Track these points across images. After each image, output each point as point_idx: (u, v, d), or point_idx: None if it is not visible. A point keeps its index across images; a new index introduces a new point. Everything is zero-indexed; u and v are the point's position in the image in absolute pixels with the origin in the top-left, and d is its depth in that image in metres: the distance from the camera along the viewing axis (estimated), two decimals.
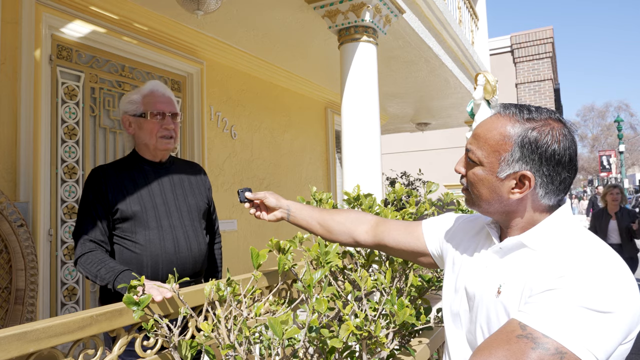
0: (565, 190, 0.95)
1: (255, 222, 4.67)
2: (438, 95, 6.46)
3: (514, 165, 0.92)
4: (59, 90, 3.00)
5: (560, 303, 0.79)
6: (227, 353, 1.25)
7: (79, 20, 3.09)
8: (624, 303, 0.79)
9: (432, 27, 4.52)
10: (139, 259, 1.72)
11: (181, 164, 1.99)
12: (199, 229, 1.88)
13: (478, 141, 0.98)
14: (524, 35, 13.62)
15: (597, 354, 0.76)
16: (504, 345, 0.79)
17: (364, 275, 1.26)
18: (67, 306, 2.94)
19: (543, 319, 0.79)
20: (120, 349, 1.31)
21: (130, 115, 1.84)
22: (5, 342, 1.06)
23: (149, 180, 1.81)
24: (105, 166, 1.82)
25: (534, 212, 0.96)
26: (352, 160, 3.29)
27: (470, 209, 1.23)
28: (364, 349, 1.39)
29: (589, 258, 0.84)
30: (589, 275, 0.81)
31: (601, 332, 0.77)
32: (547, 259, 0.89)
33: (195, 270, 1.84)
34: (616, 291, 0.79)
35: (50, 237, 2.86)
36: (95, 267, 1.59)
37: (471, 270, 1.05)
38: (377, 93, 3.39)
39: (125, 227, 1.73)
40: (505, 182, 0.94)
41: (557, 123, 0.93)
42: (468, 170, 1.01)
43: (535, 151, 0.91)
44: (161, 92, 1.86)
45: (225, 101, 4.48)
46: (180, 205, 1.84)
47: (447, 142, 13.62)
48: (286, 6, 3.48)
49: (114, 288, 1.56)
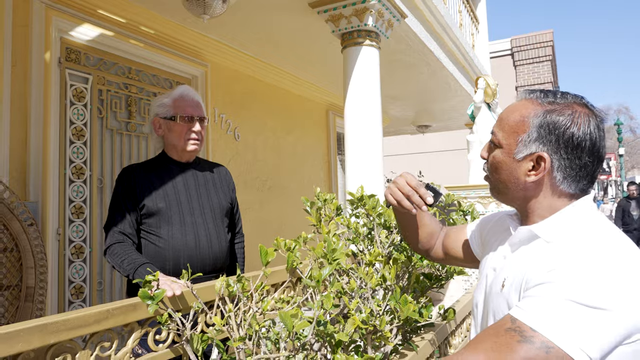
0: (587, 178, 0.91)
1: (258, 222, 4.72)
2: (439, 98, 6.52)
3: (531, 146, 0.91)
4: (67, 92, 3.06)
5: (549, 297, 0.78)
6: (237, 346, 1.30)
7: (87, 24, 3.15)
8: (621, 300, 0.75)
9: (433, 31, 4.58)
10: (162, 253, 1.80)
11: (207, 165, 2.08)
12: (220, 227, 1.95)
13: (501, 123, 0.98)
14: (524, 38, 13.70)
15: (587, 350, 0.73)
16: (493, 338, 0.80)
17: (370, 271, 1.31)
18: (74, 304, 2.99)
19: (531, 312, 0.79)
20: (134, 342, 1.37)
21: (161, 117, 1.93)
22: (28, 333, 1.11)
23: (175, 179, 1.90)
24: (135, 165, 1.94)
25: (552, 198, 0.93)
26: (355, 162, 3.35)
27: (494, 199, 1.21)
28: (368, 343, 1.44)
29: (589, 250, 0.82)
30: (582, 268, 0.79)
31: (592, 328, 0.74)
32: (550, 251, 0.87)
33: (216, 267, 1.91)
34: (614, 287, 0.76)
35: (59, 237, 2.92)
36: (119, 258, 1.68)
37: (491, 264, 1.06)
38: (380, 96, 3.44)
39: (151, 222, 1.82)
40: (523, 164, 0.93)
41: (581, 108, 0.90)
42: (490, 154, 1.01)
43: (552, 132, 0.89)
44: (191, 97, 1.95)
45: (229, 103, 4.54)
46: (203, 204, 1.92)
47: (447, 145, 13.68)
48: (290, 10, 3.54)
49: (132, 280, 1.63)
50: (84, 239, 3.11)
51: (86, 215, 3.13)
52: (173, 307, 1.42)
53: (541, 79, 13.39)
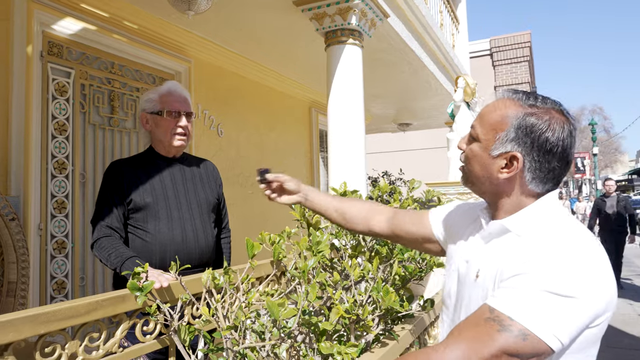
0: (554, 180, 0.98)
1: (242, 217, 4.74)
2: (420, 97, 6.62)
3: (507, 145, 0.96)
4: (49, 86, 3.04)
5: (524, 287, 0.84)
6: (225, 335, 1.35)
7: (69, 18, 3.12)
8: (587, 288, 0.82)
9: (414, 31, 4.66)
10: (149, 248, 1.81)
11: (194, 160, 2.09)
12: (207, 222, 1.97)
13: (482, 119, 1.02)
14: (502, 39, 13.97)
15: (559, 336, 0.80)
16: (473, 327, 0.85)
17: (354, 262, 1.36)
18: (56, 299, 2.98)
19: (508, 302, 0.84)
20: (123, 333, 1.39)
21: (148, 112, 1.94)
22: (20, 323, 1.14)
23: (162, 174, 1.92)
24: (123, 160, 1.95)
25: (520, 196, 0.99)
26: (338, 159, 3.40)
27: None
28: (351, 332, 1.49)
29: (557, 243, 0.88)
30: (552, 260, 0.85)
31: (563, 315, 0.81)
32: (521, 244, 0.93)
33: (202, 261, 1.92)
34: (580, 276, 0.83)
35: (40, 231, 2.90)
36: (107, 252, 1.68)
37: (463, 255, 1.11)
38: (362, 94, 3.50)
39: (138, 217, 1.83)
40: (497, 161, 0.98)
41: (558, 114, 0.95)
42: (467, 146, 1.05)
43: (529, 135, 0.94)
44: (178, 92, 1.97)
45: (213, 99, 4.55)
46: (190, 199, 1.94)
47: (428, 143, 13.86)
48: (275, 8, 3.57)
49: (120, 273, 1.65)
50: (66, 234, 3.09)
51: (68, 210, 3.11)
52: (161, 299, 1.45)
53: (519, 79, 13.67)
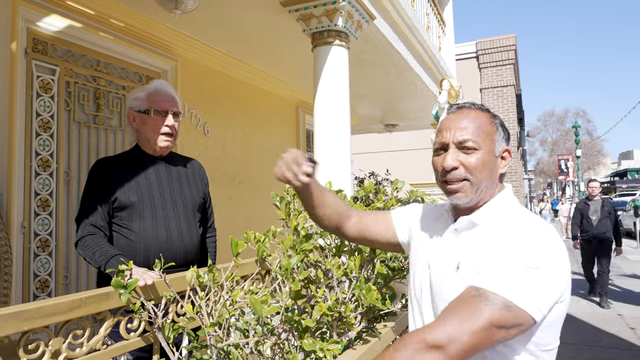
0: None
1: (228, 216, 4.75)
2: (405, 98, 6.68)
3: (502, 143, 1.14)
4: (34, 83, 3.01)
5: (503, 265, 0.97)
6: (209, 332, 1.36)
7: (55, 15, 3.10)
8: (550, 260, 0.97)
9: (400, 33, 4.71)
10: (133, 246, 1.81)
11: (180, 159, 2.10)
12: (192, 221, 1.98)
13: (471, 131, 1.10)
14: (488, 42, 14.12)
15: (538, 305, 0.93)
16: (463, 305, 0.95)
17: (337, 261, 1.39)
18: (39, 298, 2.96)
19: (490, 280, 0.96)
20: (107, 330, 1.40)
21: (135, 111, 1.94)
22: (2, 320, 1.14)
23: (148, 173, 1.92)
24: (108, 158, 1.95)
25: (498, 183, 1.16)
26: (324, 158, 3.42)
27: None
28: (334, 329, 1.52)
29: (522, 228, 1.04)
30: (523, 240, 1.00)
31: (536, 285, 0.94)
32: (493, 235, 1.06)
33: (187, 260, 1.93)
34: (544, 250, 0.98)
35: (24, 230, 2.88)
36: (91, 250, 1.68)
37: (433, 252, 1.19)
38: (348, 95, 3.53)
39: (123, 216, 1.83)
40: (499, 159, 1.14)
41: None
42: (466, 160, 1.10)
43: (505, 129, 1.16)
44: (166, 91, 1.97)
45: (199, 98, 4.54)
46: (175, 198, 1.94)
47: (414, 144, 13.95)
48: (262, 8, 3.59)
49: (104, 271, 1.65)
50: (49, 232, 3.07)
51: (52, 209, 3.09)
52: (145, 296, 1.46)
53: (504, 82, 13.84)
